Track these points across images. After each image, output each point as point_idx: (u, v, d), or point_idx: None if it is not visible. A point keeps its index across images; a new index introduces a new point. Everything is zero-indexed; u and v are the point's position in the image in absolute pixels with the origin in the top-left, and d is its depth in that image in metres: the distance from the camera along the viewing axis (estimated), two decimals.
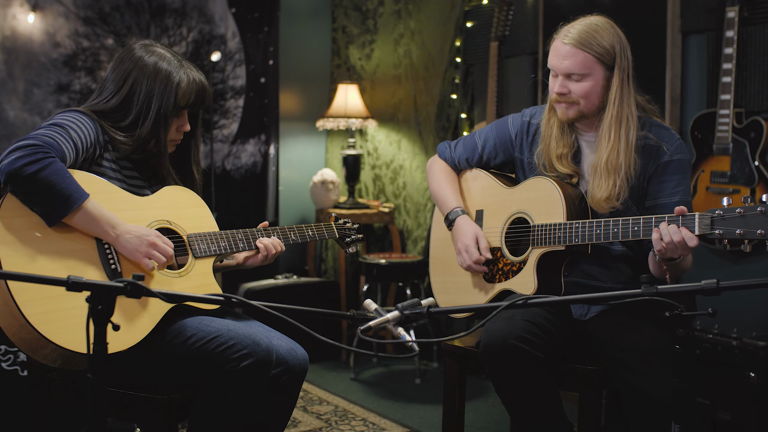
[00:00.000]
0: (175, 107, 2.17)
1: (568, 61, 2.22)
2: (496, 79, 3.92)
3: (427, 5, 4.56)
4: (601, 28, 2.24)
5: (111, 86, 2.17)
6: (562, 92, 2.26)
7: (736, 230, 1.90)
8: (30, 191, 1.90)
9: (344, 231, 2.56)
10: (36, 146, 1.89)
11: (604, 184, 2.22)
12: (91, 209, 1.96)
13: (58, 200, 1.91)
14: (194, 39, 4.68)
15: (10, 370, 3.06)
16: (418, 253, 4.62)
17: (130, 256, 2.02)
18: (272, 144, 5.01)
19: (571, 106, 2.27)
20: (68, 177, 1.93)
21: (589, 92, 2.24)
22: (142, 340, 1.99)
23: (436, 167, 2.66)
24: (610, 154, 2.22)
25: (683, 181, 2.27)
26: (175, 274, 2.13)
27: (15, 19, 4.09)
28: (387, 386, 4.05)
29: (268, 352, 2.05)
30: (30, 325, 1.84)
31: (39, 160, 1.88)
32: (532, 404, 2.19)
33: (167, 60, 2.18)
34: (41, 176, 1.88)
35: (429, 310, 1.53)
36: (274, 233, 2.34)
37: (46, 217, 1.94)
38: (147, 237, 2.02)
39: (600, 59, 2.22)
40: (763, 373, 2.75)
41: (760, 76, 3.02)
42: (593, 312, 2.33)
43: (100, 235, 2.00)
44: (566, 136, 2.34)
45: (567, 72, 2.24)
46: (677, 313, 1.45)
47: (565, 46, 2.23)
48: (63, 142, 1.97)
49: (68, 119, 2.04)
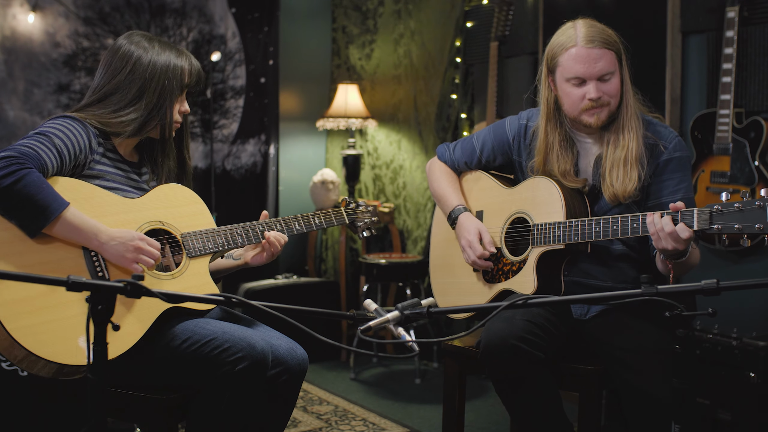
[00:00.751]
0: (181, 85, 2.17)
1: (601, 62, 2.20)
2: (496, 79, 3.92)
3: (427, 5, 4.56)
4: (598, 24, 2.26)
5: (104, 77, 2.15)
6: (599, 96, 2.22)
7: (734, 225, 1.90)
8: (6, 204, 1.88)
9: (355, 216, 2.47)
10: (11, 158, 1.86)
11: (634, 176, 2.22)
12: (71, 218, 1.94)
13: (36, 211, 1.88)
14: (194, 39, 4.68)
15: (10, 370, 3.06)
16: (418, 253, 4.62)
17: (118, 263, 2.00)
18: (272, 144, 5.01)
19: (603, 108, 2.25)
20: (45, 187, 1.89)
21: (618, 89, 2.25)
22: (136, 344, 1.98)
23: (437, 168, 2.66)
24: (637, 145, 2.23)
25: (684, 179, 2.27)
26: (167, 275, 2.10)
27: (15, 19, 4.09)
28: (387, 386, 4.05)
29: (263, 355, 2.03)
30: (16, 342, 1.83)
31: (13, 172, 1.85)
32: (533, 404, 2.19)
33: (159, 42, 2.18)
34: (16, 189, 1.85)
35: (429, 310, 1.53)
36: (277, 224, 2.28)
37: (26, 229, 1.91)
38: (131, 242, 2.00)
39: (617, 54, 2.24)
40: (763, 373, 2.75)
41: (760, 76, 3.02)
42: (593, 312, 2.33)
43: (84, 243, 1.98)
44: (566, 151, 2.33)
45: (601, 74, 2.21)
46: (677, 313, 1.45)
47: (593, 50, 2.20)
48: (44, 150, 1.94)
49: (54, 126, 2.02)
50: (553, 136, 2.33)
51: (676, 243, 2.01)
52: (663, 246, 2.04)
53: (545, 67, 2.33)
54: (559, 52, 2.26)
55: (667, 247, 2.03)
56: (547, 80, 2.33)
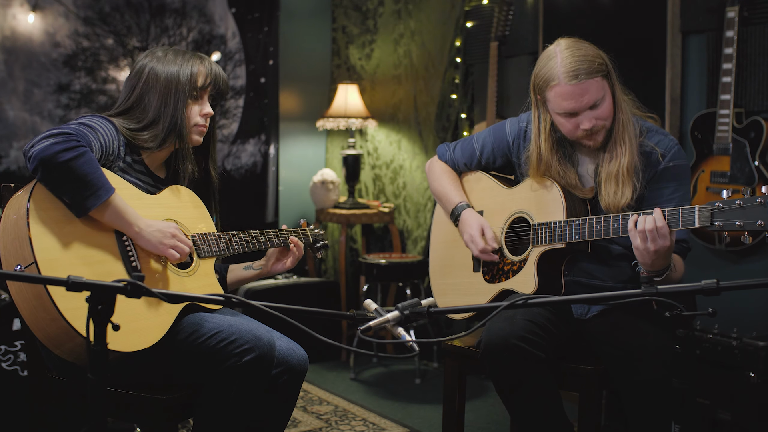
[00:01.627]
0: (191, 89, 2.18)
1: (588, 95, 2.17)
2: (496, 79, 3.92)
3: (427, 5, 4.56)
4: (579, 47, 2.20)
5: (125, 91, 2.21)
6: (593, 125, 2.21)
7: (736, 222, 1.90)
8: (62, 179, 1.90)
9: (316, 236, 2.59)
10: (70, 135, 1.90)
11: (627, 191, 2.21)
12: (118, 202, 1.99)
13: (90, 190, 1.92)
14: (194, 39, 4.68)
15: (10, 370, 3.06)
16: (418, 253, 4.62)
17: (154, 249, 2.05)
18: (272, 144, 5.01)
19: (599, 132, 2.24)
20: (99, 169, 1.95)
21: (610, 110, 2.23)
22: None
23: (437, 167, 2.66)
24: (629, 159, 2.21)
25: (680, 188, 2.26)
26: (185, 273, 2.15)
27: (15, 19, 4.09)
28: (387, 386, 4.05)
29: (270, 347, 2.05)
30: (65, 320, 1.84)
31: (74, 147, 1.89)
32: (533, 404, 2.19)
33: (180, 51, 2.22)
34: (76, 164, 1.88)
35: (429, 310, 1.54)
36: (250, 236, 2.35)
37: (76, 207, 1.94)
38: (168, 230, 2.06)
39: (602, 74, 2.20)
40: (763, 373, 2.75)
41: (760, 76, 3.02)
42: (594, 311, 2.33)
43: (124, 228, 2.02)
44: (565, 167, 2.32)
45: (590, 104, 2.19)
46: (677, 313, 1.45)
47: (578, 85, 2.16)
48: (92, 139, 1.99)
49: (96, 122, 2.06)
50: (549, 155, 2.31)
51: (663, 240, 2.01)
52: (647, 249, 2.04)
53: (533, 96, 2.32)
54: (544, 87, 2.24)
55: (651, 249, 2.03)
56: (538, 108, 2.32)
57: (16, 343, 3.07)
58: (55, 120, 4.16)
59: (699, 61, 3.24)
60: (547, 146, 2.31)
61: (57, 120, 4.16)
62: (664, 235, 2.01)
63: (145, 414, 2.06)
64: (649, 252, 2.04)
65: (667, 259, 2.08)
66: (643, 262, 2.09)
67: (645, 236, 2.03)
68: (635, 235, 2.05)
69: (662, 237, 2.02)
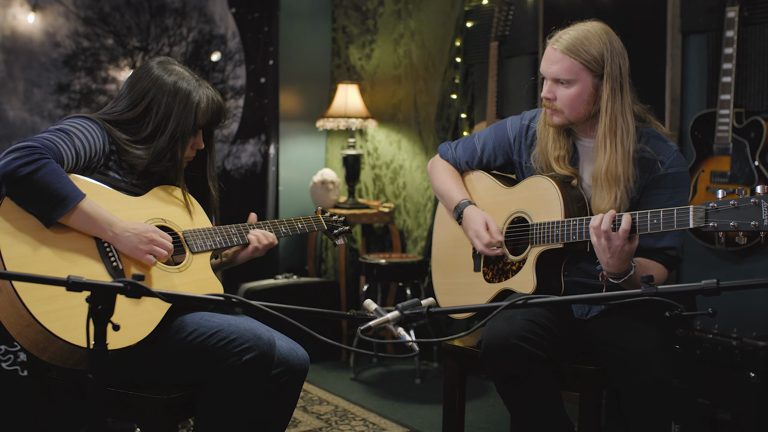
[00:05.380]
0: (195, 126, 2.19)
1: (556, 66, 2.22)
2: (496, 79, 3.92)
3: (427, 5, 4.56)
4: (592, 35, 2.21)
5: (126, 101, 2.19)
6: (548, 97, 2.27)
7: (730, 222, 1.90)
8: (25, 192, 1.91)
9: (331, 223, 2.62)
10: (32, 147, 1.90)
11: (606, 197, 2.21)
12: (88, 209, 1.97)
13: (54, 200, 1.92)
14: (194, 39, 4.68)
15: (10, 370, 3.06)
16: (418, 253, 4.62)
17: (131, 254, 2.04)
18: (272, 144, 5.01)
19: (556, 113, 2.27)
20: (64, 177, 1.94)
21: (574, 100, 2.23)
22: (147, 336, 2.00)
23: (439, 166, 2.66)
24: (609, 164, 2.20)
25: (675, 195, 2.25)
26: (174, 269, 2.15)
27: (15, 19, 4.09)
28: (387, 386, 4.05)
29: (270, 346, 2.05)
30: (39, 323, 1.84)
31: (34, 161, 1.89)
32: (533, 404, 2.19)
33: (186, 79, 2.20)
34: (36, 177, 1.89)
35: (429, 310, 1.54)
36: (265, 227, 2.38)
37: (43, 218, 1.94)
38: (145, 234, 2.04)
39: (587, 66, 2.20)
40: (763, 373, 2.75)
41: (760, 76, 3.02)
42: (594, 312, 2.33)
43: (98, 234, 2.01)
44: (562, 139, 2.34)
45: (554, 77, 2.24)
46: (677, 313, 1.45)
47: (555, 52, 2.23)
48: (63, 146, 1.98)
49: (74, 125, 2.05)
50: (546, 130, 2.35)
51: (616, 240, 2.03)
52: (601, 246, 2.07)
53: None
54: (546, 44, 2.31)
55: (605, 247, 2.06)
56: None
57: (16, 343, 3.07)
58: (55, 120, 4.16)
59: (699, 61, 3.24)
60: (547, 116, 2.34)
61: (57, 120, 4.16)
62: (617, 235, 2.04)
63: (145, 414, 2.06)
64: (604, 250, 2.07)
65: (626, 261, 2.09)
66: (600, 260, 2.12)
67: (600, 234, 2.06)
68: (592, 232, 2.09)
69: (616, 237, 2.04)
